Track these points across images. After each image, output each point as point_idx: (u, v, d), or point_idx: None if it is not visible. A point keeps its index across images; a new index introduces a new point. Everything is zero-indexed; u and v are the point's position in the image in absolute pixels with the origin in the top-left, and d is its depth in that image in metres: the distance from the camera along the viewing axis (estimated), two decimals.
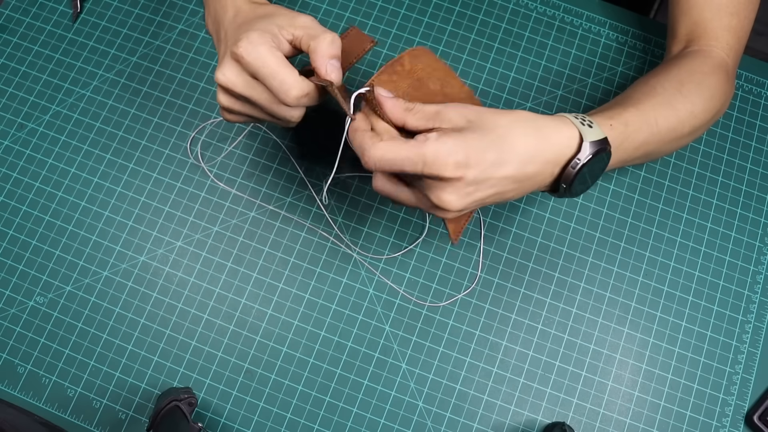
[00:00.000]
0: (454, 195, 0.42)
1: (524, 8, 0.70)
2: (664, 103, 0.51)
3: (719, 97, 0.54)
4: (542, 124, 0.43)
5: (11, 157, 0.64)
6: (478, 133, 0.41)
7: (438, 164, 0.40)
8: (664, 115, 0.50)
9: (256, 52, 0.43)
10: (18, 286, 0.61)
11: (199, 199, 0.63)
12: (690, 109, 0.51)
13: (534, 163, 0.43)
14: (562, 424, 0.56)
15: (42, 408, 0.58)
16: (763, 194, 0.65)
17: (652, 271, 0.62)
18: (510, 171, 0.42)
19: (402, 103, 0.44)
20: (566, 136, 0.43)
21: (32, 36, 0.68)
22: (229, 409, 0.58)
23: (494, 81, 0.67)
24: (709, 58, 0.55)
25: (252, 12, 0.48)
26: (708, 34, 0.56)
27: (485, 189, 0.42)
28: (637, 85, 0.54)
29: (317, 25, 0.46)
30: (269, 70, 0.43)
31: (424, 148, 0.40)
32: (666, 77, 0.53)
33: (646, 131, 0.49)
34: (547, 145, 0.43)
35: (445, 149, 0.40)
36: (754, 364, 0.60)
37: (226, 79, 0.45)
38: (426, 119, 0.43)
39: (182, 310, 0.60)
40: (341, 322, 0.60)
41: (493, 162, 0.41)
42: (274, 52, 0.44)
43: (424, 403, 0.59)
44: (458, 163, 0.40)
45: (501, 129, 0.42)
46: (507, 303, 0.61)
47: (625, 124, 0.48)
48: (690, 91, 0.52)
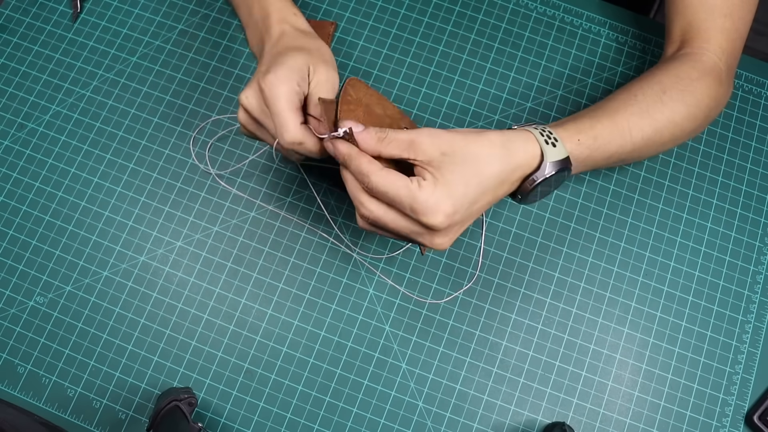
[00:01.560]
0: (443, 238, 0.44)
1: (524, 8, 0.70)
2: (641, 112, 0.51)
3: (706, 104, 0.54)
4: (511, 146, 0.45)
5: (11, 157, 0.64)
6: (457, 170, 0.43)
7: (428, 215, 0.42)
8: (639, 125, 0.51)
9: (275, 89, 0.46)
10: (18, 286, 0.61)
11: (199, 199, 0.63)
12: (669, 117, 0.52)
13: (504, 184, 0.45)
14: (562, 424, 0.56)
15: (42, 408, 0.58)
16: (763, 194, 0.65)
17: (652, 271, 0.62)
18: (487, 200, 0.45)
19: (374, 134, 0.45)
20: (530, 154, 0.45)
21: (32, 36, 0.68)
22: (229, 409, 0.58)
23: (494, 81, 0.67)
24: (698, 63, 0.55)
25: (294, 40, 0.52)
26: (701, 35, 0.56)
27: (467, 222, 0.45)
28: (620, 91, 0.54)
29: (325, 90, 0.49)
30: (275, 109, 0.46)
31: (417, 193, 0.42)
32: (649, 83, 0.53)
33: (617, 142, 0.50)
34: (515, 166, 0.45)
35: (433, 200, 0.42)
36: (754, 364, 0.60)
37: (246, 101, 0.48)
38: (400, 149, 0.44)
39: (182, 310, 0.60)
40: (341, 322, 0.60)
41: (473, 198, 0.44)
42: (290, 96, 0.47)
43: (424, 403, 0.59)
44: (447, 214, 0.42)
45: (475, 159, 0.43)
46: (507, 303, 0.61)
47: (594, 138, 0.49)
48: (672, 98, 0.52)
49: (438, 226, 0.42)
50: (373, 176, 0.43)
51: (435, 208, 0.42)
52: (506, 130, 0.46)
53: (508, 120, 0.66)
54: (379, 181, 0.43)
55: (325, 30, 0.67)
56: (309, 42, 0.52)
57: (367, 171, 0.43)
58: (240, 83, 0.66)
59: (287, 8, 0.55)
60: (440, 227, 0.42)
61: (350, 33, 0.68)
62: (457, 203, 0.42)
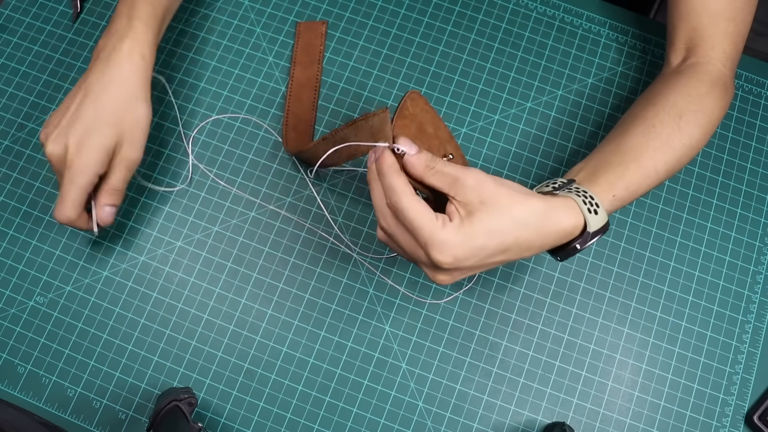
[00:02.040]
0: (446, 276, 0.44)
1: (524, 8, 0.70)
2: (662, 146, 0.51)
3: (717, 117, 0.54)
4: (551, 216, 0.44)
5: (11, 157, 0.64)
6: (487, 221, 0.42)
7: (438, 252, 0.42)
8: (663, 160, 0.51)
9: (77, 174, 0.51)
10: (18, 286, 0.61)
11: (199, 199, 0.63)
12: (688, 143, 0.52)
13: (531, 250, 0.44)
14: (562, 424, 0.56)
15: (42, 408, 0.58)
16: (763, 194, 0.65)
17: (652, 271, 0.62)
18: (506, 257, 0.44)
19: (424, 160, 0.44)
20: (572, 224, 0.44)
21: (32, 36, 0.68)
22: (229, 409, 0.58)
23: (494, 81, 0.67)
24: (705, 74, 0.55)
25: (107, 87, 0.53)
26: (705, 41, 0.56)
27: (477, 269, 0.45)
28: (636, 120, 0.53)
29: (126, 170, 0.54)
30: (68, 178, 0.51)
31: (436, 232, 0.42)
32: (664, 107, 0.53)
33: (647, 183, 0.50)
34: (550, 238, 0.44)
35: (451, 242, 0.42)
36: (754, 364, 0.60)
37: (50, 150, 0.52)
38: (443, 183, 0.44)
39: (182, 310, 0.60)
40: (341, 322, 0.60)
41: (492, 253, 0.43)
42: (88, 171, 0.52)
43: (424, 403, 0.59)
44: (457, 258, 0.42)
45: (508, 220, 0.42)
46: (507, 303, 0.61)
47: (626, 188, 0.49)
48: (688, 122, 0.52)
49: (444, 265, 0.42)
50: (404, 198, 0.42)
51: (448, 248, 0.42)
52: (550, 198, 0.45)
53: (508, 120, 0.66)
54: (409, 206, 0.42)
55: (317, 30, 0.67)
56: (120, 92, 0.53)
57: (401, 192, 0.43)
58: (240, 83, 0.66)
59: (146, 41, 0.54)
60: (446, 267, 0.42)
61: (350, 33, 0.68)
62: (471, 252, 0.42)
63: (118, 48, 0.52)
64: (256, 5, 0.69)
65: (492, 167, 0.64)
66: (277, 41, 0.68)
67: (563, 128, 0.66)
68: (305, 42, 0.67)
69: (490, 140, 0.65)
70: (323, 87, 0.66)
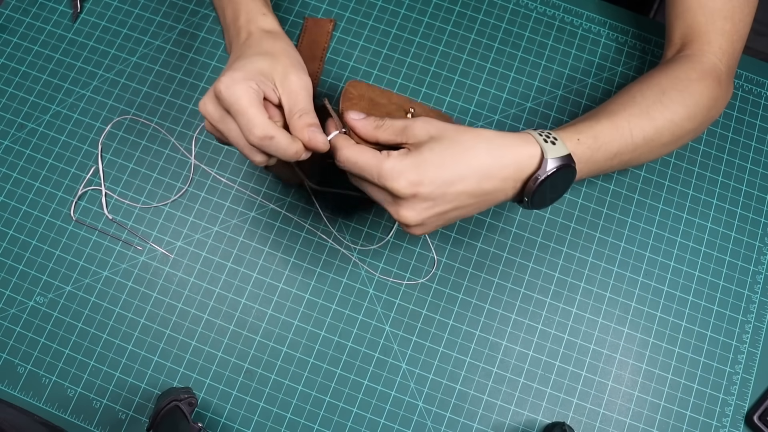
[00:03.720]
0: (410, 211, 0.45)
1: (524, 8, 0.70)
2: (641, 113, 0.51)
3: (705, 104, 0.54)
4: (503, 142, 0.45)
5: (11, 157, 0.64)
6: (437, 149, 0.44)
7: (391, 179, 0.43)
8: (640, 125, 0.51)
9: (232, 90, 0.45)
10: (18, 286, 0.61)
11: (199, 199, 0.63)
12: (669, 118, 0.52)
13: (492, 179, 0.45)
14: (562, 424, 0.56)
15: (42, 408, 0.58)
16: (763, 194, 0.65)
17: (652, 271, 0.62)
18: (466, 187, 0.45)
19: (372, 122, 0.47)
20: (527, 153, 0.45)
21: (32, 36, 0.68)
22: (229, 409, 0.58)
23: (494, 81, 0.67)
24: (698, 64, 0.55)
25: (259, 43, 0.50)
26: (701, 38, 0.56)
27: (442, 204, 0.45)
28: (620, 94, 0.54)
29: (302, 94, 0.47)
30: (237, 108, 0.45)
31: (383, 162, 0.44)
32: (649, 85, 0.53)
33: (618, 142, 0.50)
34: (506, 161, 0.45)
35: (399, 167, 0.43)
36: (754, 364, 0.60)
37: (204, 109, 0.47)
38: (395, 134, 0.46)
39: (182, 310, 0.60)
40: (341, 322, 0.60)
41: (448, 179, 0.44)
42: (250, 93, 0.45)
43: (424, 403, 0.59)
44: (411, 181, 0.43)
45: (460, 145, 0.44)
46: (507, 303, 0.61)
47: (594, 138, 0.49)
48: (672, 99, 0.52)
49: (400, 191, 0.43)
50: (345, 149, 0.45)
51: (398, 174, 0.43)
52: (504, 132, 0.46)
53: (508, 120, 0.66)
54: (350, 153, 0.45)
55: (324, 28, 0.68)
56: (275, 45, 0.49)
57: (341, 146, 0.46)
58: None
59: (256, 9, 0.52)
60: (403, 193, 0.43)
61: (350, 33, 0.68)
62: (424, 175, 0.43)
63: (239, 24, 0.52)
64: None
65: None
66: None
67: None
68: (310, 38, 0.67)
69: None
70: (323, 87, 0.66)
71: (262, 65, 0.47)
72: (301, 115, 0.47)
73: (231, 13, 0.53)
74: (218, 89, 0.45)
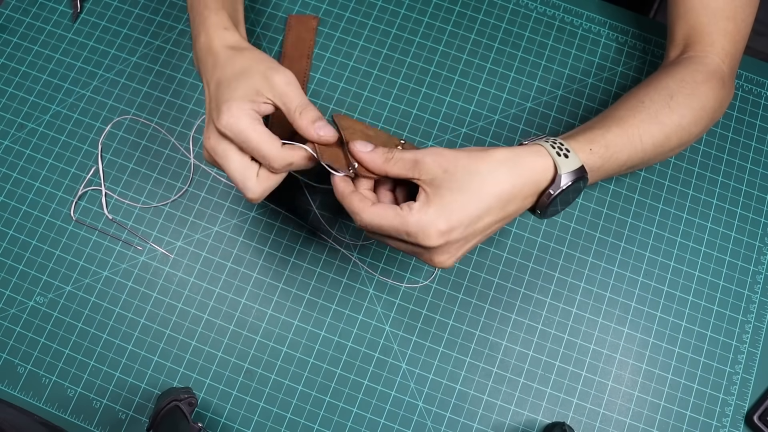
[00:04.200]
0: (444, 255, 0.44)
1: (524, 8, 0.70)
2: (650, 119, 0.51)
3: (711, 107, 0.54)
4: (518, 162, 0.44)
5: (11, 157, 0.64)
6: (456, 188, 0.43)
7: (423, 237, 0.42)
8: (649, 131, 0.50)
9: (237, 128, 0.45)
10: (18, 286, 0.61)
11: (199, 199, 0.63)
12: (678, 122, 0.52)
13: (514, 200, 0.44)
14: (562, 424, 0.56)
15: (42, 408, 0.58)
16: (763, 194, 0.65)
17: (652, 271, 0.62)
18: (493, 218, 0.44)
19: (381, 154, 0.45)
20: (541, 167, 0.45)
21: (32, 36, 0.68)
22: (229, 409, 0.58)
23: (494, 81, 0.67)
24: (702, 65, 0.55)
25: (230, 64, 0.48)
26: (704, 38, 0.56)
27: (472, 239, 0.44)
28: (627, 98, 0.53)
29: (292, 90, 0.47)
30: (253, 144, 0.45)
31: (407, 219, 0.42)
32: (656, 89, 0.53)
33: (629, 150, 0.50)
34: (524, 181, 0.44)
35: (426, 220, 0.42)
36: (754, 364, 0.60)
37: (210, 146, 0.47)
38: (405, 168, 0.44)
39: (182, 310, 0.60)
40: (341, 322, 0.60)
41: (475, 217, 0.43)
42: (255, 125, 0.45)
43: (424, 403, 0.59)
44: (441, 232, 0.42)
45: (478, 176, 0.43)
46: (507, 303, 0.61)
47: (606, 147, 0.48)
48: (679, 103, 0.52)
49: (433, 245, 0.42)
50: (364, 214, 0.44)
51: (427, 228, 0.42)
52: (515, 147, 0.45)
53: (508, 120, 0.66)
54: (371, 218, 0.43)
55: (308, 25, 0.68)
56: (243, 59, 0.48)
57: (358, 210, 0.44)
58: None
59: (216, 23, 0.50)
60: (436, 246, 0.42)
61: (350, 33, 0.68)
62: (453, 220, 0.42)
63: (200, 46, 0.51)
64: (256, 5, 0.69)
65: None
66: (277, 41, 0.68)
67: (563, 128, 0.66)
68: (296, 36, 0.67)
69: (490, 140, 0.65)
70: (323, 87, 0.66)
71: (243, 85, 0.47)
72: (301, 112, 0.46)
73: (194, 31, 0.52)
74: (222, 129, 0.45)
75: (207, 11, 0.51)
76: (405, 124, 0.65)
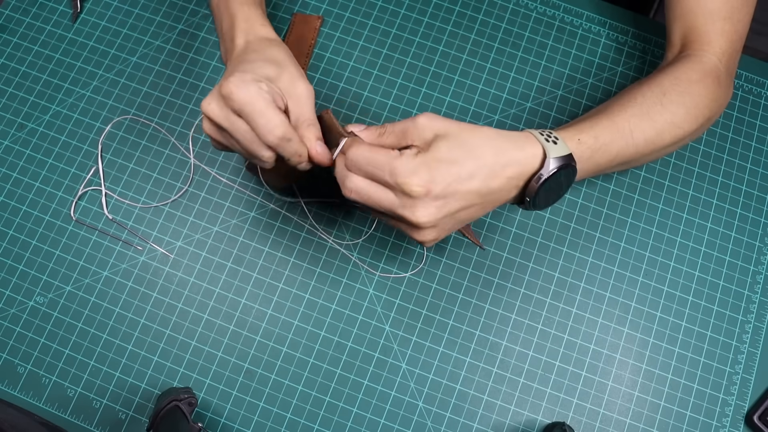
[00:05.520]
0: (423, 210, 0.44)
1: (524, 8, 0.70)
2: (641, 114, 0.51)
3: (706, 105, 0.54)
4: (507, 141, 0.45)
5: (11, 157, 0.64)
6: (444, 147, 0.44)
7: (404, 176, 0.43)
8: (640, 126, 0.51)
9: (245, 92, 0.45)
10: (18, 286, 0.61)
11: (199, 199, 0.63)
12: (670, 120, 0.52)
13: (497, 177, 0.45)
14: (562, 424, 0.56)
15: (42, 408, 0.58)
16: (763, 194, 0.65)
17: (652, 271, 0.62)
18: (475, 184, 0.44)
19: (374, 130, 0.47)
20: (530, 152, 0.45)
21: (32, 36, 0.68)
22: (229, 409, 0.58)
23: (494, 81, 0.67)
24: (698, 64, 0.55)
25: (260, 50, 0.50)
26: (701, 39, 0.56)
27: (453, 202, 0.44)
28: (621, 94, 0.54)
29: (310, 104, 0.49)
30: (255, 108, 0.45)
31: (395, 160, 0.43)
32: (650, 86, 0.53)
33: (619, 143, 0.50)
34: (511, 160, 0.45)
35: (411, 165, 0.43)
36: (754, 364, 0.60)
37: (208, 109, 0.47)
38: (398, 137, 0.46)
39: (182, 310, 0.60)
40: (341, 322, 0.60)
41: (458, 176, 0.44)
42: (263, 94, 0.45)
43: (424, 403, 0.59)
44: (424, 179, 0.43)
45: (467, 143, 0.44)
46: (507, 303, 0.61)
47: (595, 138, 0.49)
48: (672, 100, 0.52)
49: (413, 189, 0.43)
50: (356, 149, 0.45)
51: (412, 172, 0.43)
52: (506, 131, 0.46)
53: (508, 120, 0.66)
54: (360, 150, 0.44)
55: (312, 24, 0.68)
56: (279, 53, 0.50)
57: (350, 146, 0.45)
58: None
59: (254, 19, 0.52)
60: (416, 191, 0.43)
61: (350, 33, 0.68)
62: (435, 172, 0.43)
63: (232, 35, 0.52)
64: None
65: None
66: None
67: None
68: (298, 34, 0.67)
69: None
70: (323, 87, 0.66)
71: (268, 71, 0.47)
72: (309, 125, 0.48)
73: (228, 21, 0.53)
74: (228, 90, 0.45)
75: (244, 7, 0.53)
76: None
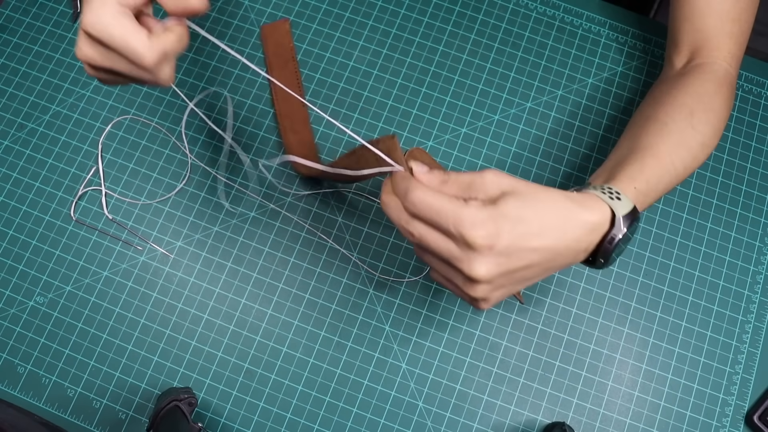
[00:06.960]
0: (482, 265, 0.40)
1: (524, 8, 0.70)
2: (679, 143, 0.50)
3: (726, 115, 0.54)
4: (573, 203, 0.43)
5: (11, 157, 0.64)
6: (513, 204, 0.40)
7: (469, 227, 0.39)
8: (680, 156, 0.50)
9: (100, 23, 0.41)
10: (18, 286, 0.61)
11: (199, 199, 0.63)
12: (701, 141, 0.51)
13: (566, 238, 0.42)
14: (562, 424, 0.56)
15: (42, 408, 0.58)
16: (763, 194, 0.65)
17: (652, 271, 0.62)
18: (542, 243, 0.41)
19: (437, 176, 0.43)
20: (599, 214, 0.43)
21: (32, 36, 0.68)
22: (229, 409, 0.58)
23: (494, 81, 0.67)
24: (711, 74, 0.54)
25: None
26: (711, 42, 0.55)
27: (515, 260, 0.41)
28: (647, 121, 0.52)
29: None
30: (117, 41, 0.41)
31: (461, 209, 0.40)
32: (674, 107, 0.52)
33: (666, 179, 0.49)
34: (580, 221, 0.42)
35: (479, 216, 0.39)
36: (754, 364, 0.60)
37: (83, 55, 0.43)
38: (462, 189, 0.42)
39: (182, 310, 0.60)
40: (341, 322, 0.60)
41: (525, 234, 0.40)
42: (117, 17, 0.41)
43: (424, 403, 0.59)
44: (489, 232, 0.39)
45: (537, 201, 0.41)
46: (507, 303, 0.61)
47: (647, 182, 0.48)
48: (700, 120, 0.52)
49: (479, 243, 0.39)
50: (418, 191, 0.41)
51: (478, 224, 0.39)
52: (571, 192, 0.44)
53: (508, 120, 0.66)
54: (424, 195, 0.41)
55: (282, 29, 0.68)
56: None
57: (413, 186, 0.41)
58: (240, 83, 0.66)
59: None
60: (479, 244, 0.39)
61: (350, 33, 0.68)
62: (502, 228, 0.40)
63: None
64: (256, 5, 0.69)
65: (492, 167, 0.64)
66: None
67: (563, 128, 0.66)
68: (274, 43, 0.67)
69: (490, 140, 0.65)
70: (323, 87, 0.66)
71: None
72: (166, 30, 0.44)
73: None
74: (86, 29, 0.41)
75: None
76: (405, 124, 0.65)
